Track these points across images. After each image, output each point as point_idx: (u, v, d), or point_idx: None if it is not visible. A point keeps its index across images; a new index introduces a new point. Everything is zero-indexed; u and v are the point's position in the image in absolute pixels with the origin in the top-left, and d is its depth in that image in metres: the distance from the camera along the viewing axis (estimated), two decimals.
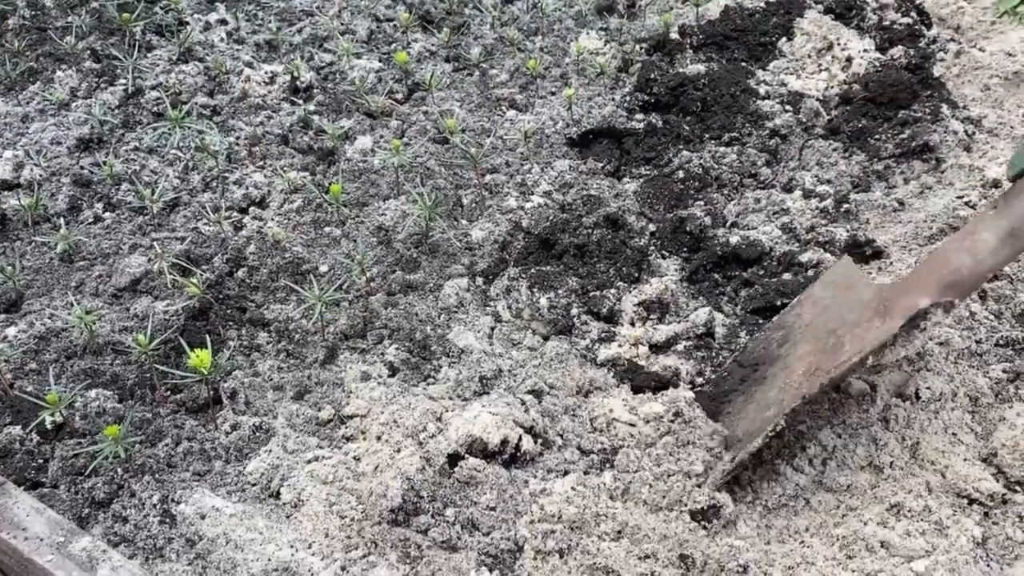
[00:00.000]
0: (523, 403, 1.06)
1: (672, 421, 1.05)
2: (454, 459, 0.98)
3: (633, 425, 1.06)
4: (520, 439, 1.00)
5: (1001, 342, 1.08)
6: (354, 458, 1.02)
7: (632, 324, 1.22)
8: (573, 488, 0.96)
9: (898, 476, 0.93)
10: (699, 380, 1.14)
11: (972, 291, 0.94)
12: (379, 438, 1.04)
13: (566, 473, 1.00)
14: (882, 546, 0.88)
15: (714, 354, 1.17)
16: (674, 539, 0.92)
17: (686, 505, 0.96)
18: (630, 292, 1.25)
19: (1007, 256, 0.92)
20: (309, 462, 1.02)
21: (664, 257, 1.33)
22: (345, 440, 1.07)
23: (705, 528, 0.94)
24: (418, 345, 1.19)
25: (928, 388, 1.00)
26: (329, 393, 1.13)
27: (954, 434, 0.96)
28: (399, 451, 1.01)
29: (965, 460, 0.93)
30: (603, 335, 1.20)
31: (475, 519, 0.93)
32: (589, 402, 1.11)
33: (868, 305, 0.96)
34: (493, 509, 0.93)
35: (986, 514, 0.90)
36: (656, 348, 1.19)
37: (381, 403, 1.09)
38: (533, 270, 1.27)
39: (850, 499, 0.93)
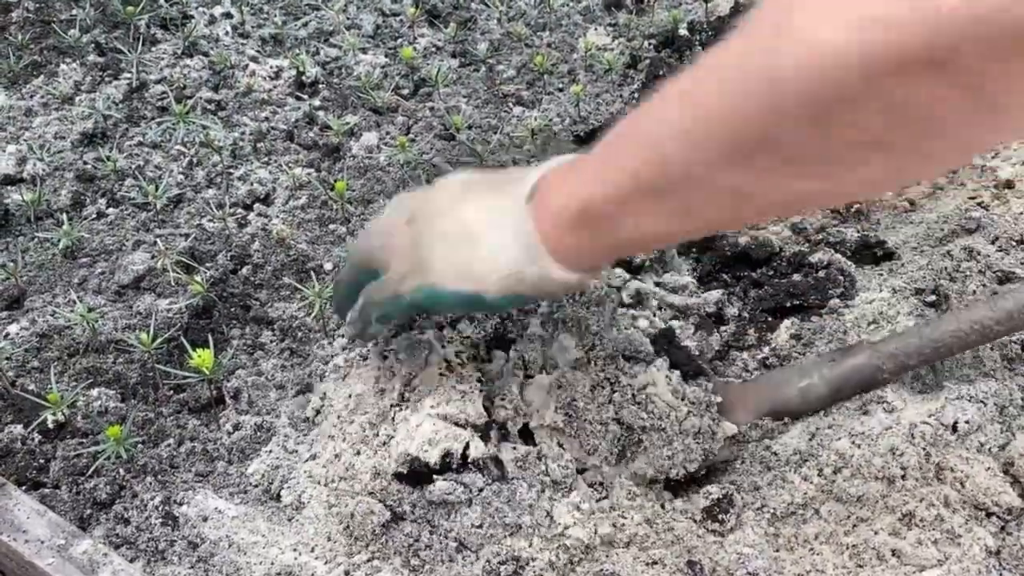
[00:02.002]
0: (481, 388, 0.96)
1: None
2: (403, 478, 0.92)
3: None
4: (467, 447, 0.89)
5: None
6: (335, 455, 1.00)
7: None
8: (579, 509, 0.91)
9: (911, 487, 0.92)
10: None
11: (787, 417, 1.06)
12: (343, 439, 1.03)
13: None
14: (893, 555, 0.87)
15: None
16: (682, 545, 0.91)
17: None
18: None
19: (826, 405, 1.04)
20: (306, 461, 1.01)
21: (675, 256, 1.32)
22: (330, 439, 1.05)
23: (716, 530, 0.93)
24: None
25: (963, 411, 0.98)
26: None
27: (979, 446, 0.95)
28: (359, 453, 0.98)
29: (988, 469, 0.92)
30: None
31: (462, 538, 0.90)
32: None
33: None
34: (480, 527, 0.89)
35: (1003, 527, 0.88)
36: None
37: (333, 389, 1.07)
38: None
39: (861, 510, 0.92)
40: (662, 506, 0.96)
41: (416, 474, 0.92)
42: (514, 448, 0.94)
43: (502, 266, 0.81)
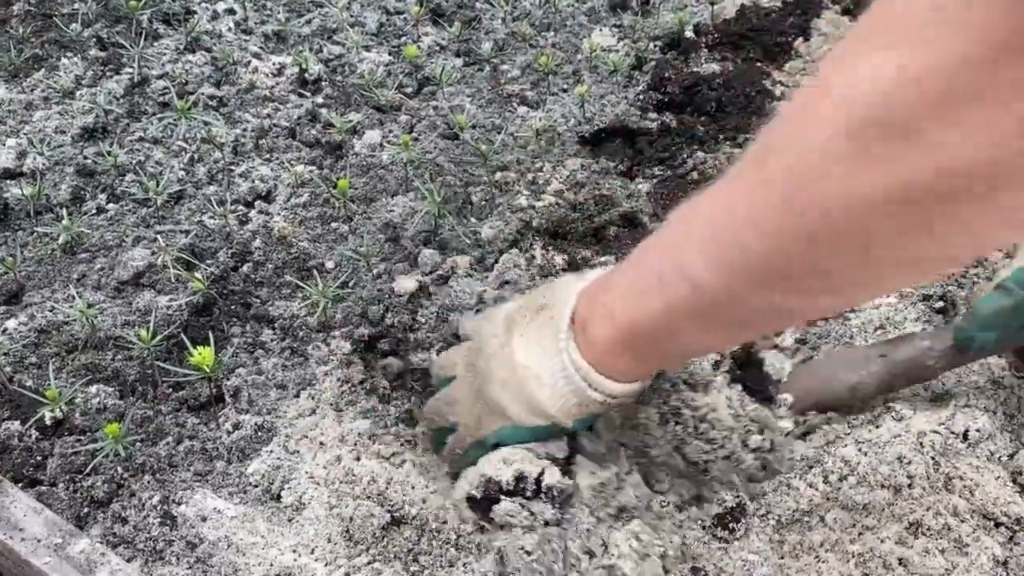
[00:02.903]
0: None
1: None
2: (475, 504, 0.91)
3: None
4: (542, 473, 0.87)
5: None
6: (336, 458, 0.99)
7: None
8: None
9: (917, 495, 0.91)
10: None
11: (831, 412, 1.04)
12: (341, 440, 1.02)
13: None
14: (900, 563, 0.86)
15: None
16: (687, 552, 0.90)
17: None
18: None
19: (878, 396, 1.02)
20: (306, 462, 1.00)
21: None
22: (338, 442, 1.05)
23: (723, 537, 0.92)
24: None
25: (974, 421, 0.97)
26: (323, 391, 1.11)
27: (989, 455, 0.94)
28: (359, 458, 0.98)
29: (997, 479, 0.91)
30: None
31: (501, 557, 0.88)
32: None
33: None
34: (530, 554, 0.87)
35: (1010, 537, 0.88)
36: None
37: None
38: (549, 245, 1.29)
39: (867, 518, 0.91)
40: (678, 509, 0.95)
41: (488, 500, 0.90)
42: (592, 473, 0.92)
43: (566, 399, 0.86)
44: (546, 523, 0.88)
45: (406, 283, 1.22)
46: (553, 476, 0.89)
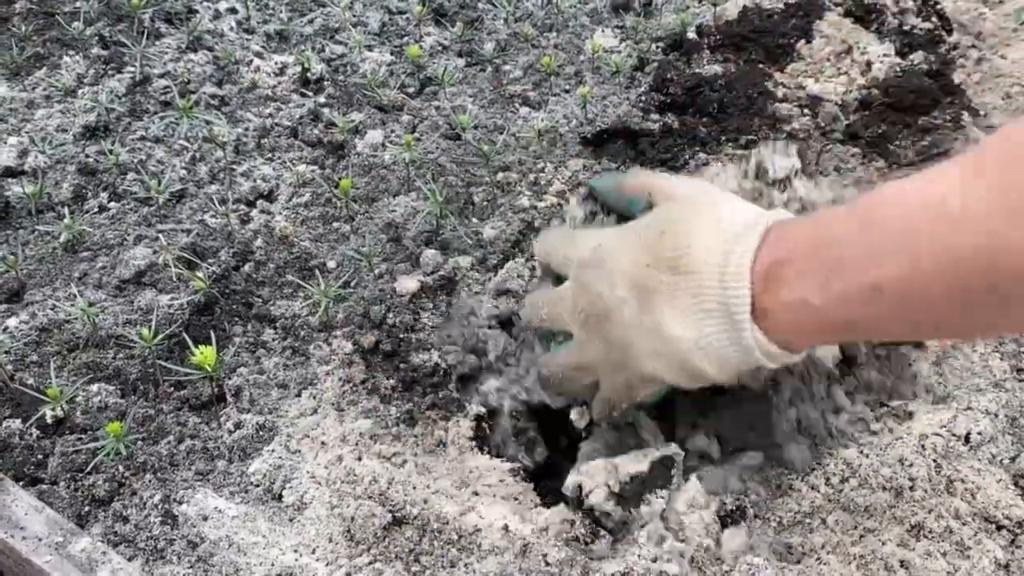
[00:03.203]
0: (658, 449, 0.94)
1: None
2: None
3: None
4: (591, 492, 0.89)
5: None
6: (338, 457, 0.99)
7: None
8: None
9: (919, 497, 0.91)
10: None
11: None
12: (343, 439, 1.02)
13: None
14: (901, 566, 0.86)
15: None
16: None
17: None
18: None
19: None
20: (308, 461, 1.00)
21: None
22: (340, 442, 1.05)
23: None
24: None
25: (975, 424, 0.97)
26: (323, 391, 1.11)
27: (991, 457, 0.94)
28: (361, 458, 0.98)
29: (999, 481, 0.91)
30: None
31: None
32: None
33: None
34: None
35: (1012, 540, 0.88)
36: None
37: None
38: None
39: (869, 520, 0.91)
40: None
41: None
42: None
43: (739, 367, 0.86)
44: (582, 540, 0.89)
45: (408, 283, 1.22)
46: (598, 496, 0.89)
